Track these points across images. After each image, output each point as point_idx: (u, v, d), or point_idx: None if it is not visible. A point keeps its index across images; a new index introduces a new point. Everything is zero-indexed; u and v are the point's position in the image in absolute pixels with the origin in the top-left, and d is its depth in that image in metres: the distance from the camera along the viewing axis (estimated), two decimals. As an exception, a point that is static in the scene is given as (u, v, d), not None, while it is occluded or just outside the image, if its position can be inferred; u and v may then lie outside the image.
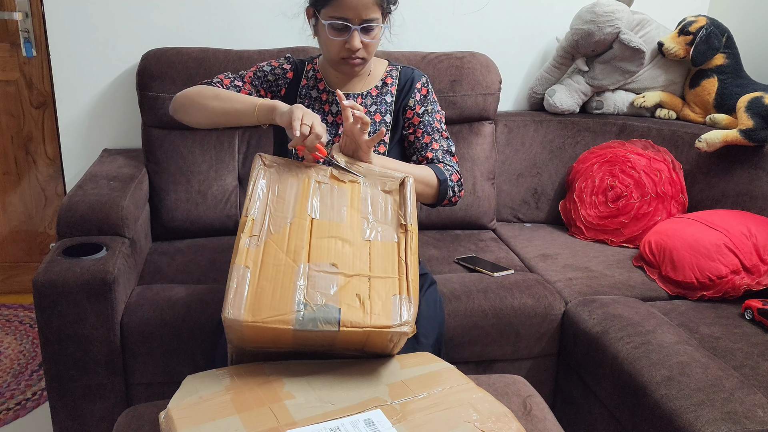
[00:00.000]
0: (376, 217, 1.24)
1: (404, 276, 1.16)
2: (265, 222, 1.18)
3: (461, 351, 1.78)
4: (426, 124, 1.61)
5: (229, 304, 1.06)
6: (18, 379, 2.16)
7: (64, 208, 1.77)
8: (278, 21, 2.32)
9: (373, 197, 1.28)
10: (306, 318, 1.07)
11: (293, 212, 1.20)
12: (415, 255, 1.20)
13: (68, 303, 1.55)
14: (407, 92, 1.61)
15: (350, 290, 1.12)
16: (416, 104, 1.61)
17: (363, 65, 1.52)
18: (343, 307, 1.09)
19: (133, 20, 2.24)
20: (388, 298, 1.13)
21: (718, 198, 2.15)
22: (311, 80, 1.62)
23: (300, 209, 1.21)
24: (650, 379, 1.45)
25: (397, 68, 1.64)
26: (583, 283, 1.90)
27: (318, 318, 1.07)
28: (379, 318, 1.09)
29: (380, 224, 1.23)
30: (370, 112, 1.60)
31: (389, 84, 1.62)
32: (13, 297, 2.69)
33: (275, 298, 1.08)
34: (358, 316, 1.09)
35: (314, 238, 1.18)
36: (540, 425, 1.23)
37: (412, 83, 1.62)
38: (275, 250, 1.14)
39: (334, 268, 1.14)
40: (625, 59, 2.37)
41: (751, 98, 2.08)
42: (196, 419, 1.00)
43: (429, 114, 1.62)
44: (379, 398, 1.07)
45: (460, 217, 2.30)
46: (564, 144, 2.42)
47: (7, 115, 2.50)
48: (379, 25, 1.47)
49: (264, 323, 1.06)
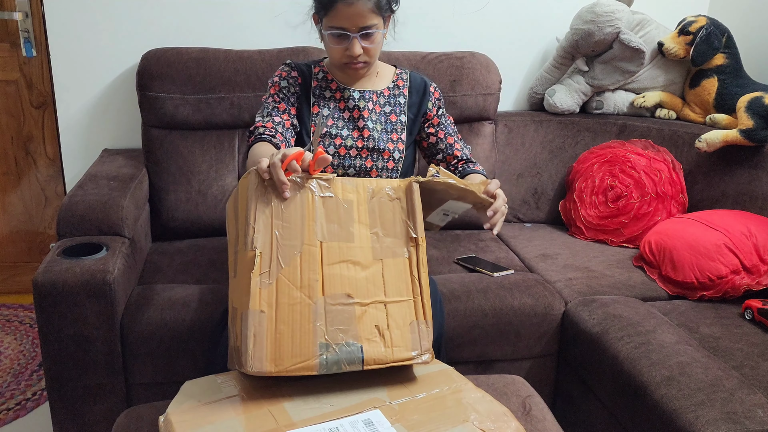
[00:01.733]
0: (385, 230, 1.20)
1: (419, 297, 1.16)
2: (274, 254, 1.11)
3: (461, 351, 1.78)
4: (445, 125, 1.71)
5: (251, 356, 1.04)
6: (18, 379, 2.16)
7: (64, 208, 1.77)
8: (278, 21, 2.32)
9: (381, 206, 1.22)
10: (330, 361, 1.07)
11: (301, 239, 1.14)
12: (425, 270, 1.19)
13: (68, 303, 1.55)
14: (422, 96, 1.68)
15: (368, 321, 1.12)
16: (433, 107, 1.69)
17: (367, 67, 1.56)
18: (364, 343, 1.09)
19: (133, 20, 2.25)
20: (406, 326, 1.13)
21: (718, 198, 2.15)
22: (322, 81, 1.64)
23: (308, 235, 1.14)
24: (650, 379, 1.45)
25: (406, 72, 1.70)
26: (583, 283, 1.90)
27: (341, 360, 1.07)
28: (400, 351, 1.11)
29: (389, 238, 1.20)
30: (385, 112, 1.65)
31: (401, 86, 1.68)
32: (13, 297, 2.69)
33: (295, 344, 1.07)
34: (380, 351, 1.10)
35: (326, 266, 1.14)
36: (539, 425, 1.23)
37: (425, 88, 1.69)
38: (288, 287, 1.10)
39: (350, 299, 1.12)
40: (625, 59, 2.37)
41: (751, 98, 2.08)
42: (195, 423, 1.00)
43: (444, 116, 1.72)
44: (378, 399, 1.07)
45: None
46: (564, 144, 2.42)
47: (7, 115, 2.50)
48: (378, 31, 1.49)
49: (288, 372, 1.05)
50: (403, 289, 1.16)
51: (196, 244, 2.08)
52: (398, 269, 1.17)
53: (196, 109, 2.13)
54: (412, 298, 1.16)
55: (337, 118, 1.62)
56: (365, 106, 1.62)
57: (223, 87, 2.14)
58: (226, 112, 2.15)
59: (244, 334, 1.06)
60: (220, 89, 2.14)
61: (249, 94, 2.15)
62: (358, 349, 1.09)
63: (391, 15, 1.56)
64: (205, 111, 2.14)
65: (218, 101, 2.14)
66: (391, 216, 1.21)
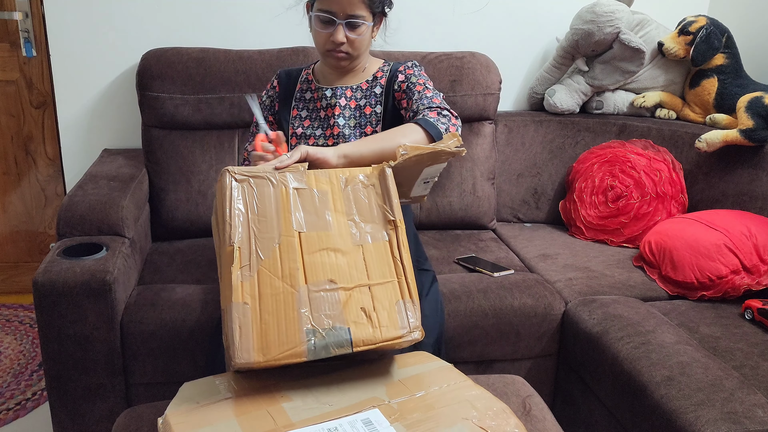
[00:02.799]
0: (362, 216, 1.21)
1: (402, 278, 1.16)
2: (252, 247, 1.13)
3: (461, 351, 1.78)
4: (411, 92, 1.59)
5: (238, 348, 1.05)
6: (18, 379, 2.16)
7: (64, 208, 1.77)
8: (278, 21, 2.32)
9: (355, 194, 1.23)
10: (318, 346, 1.07)
11: (278, 230, 1.15)
12: (407, 250, 1.19)
13: (68, 303, 1.55)
14: (393, 79, 1.63)
15: (354, 305, 1.11)
16: (401, 85, 1.62)
17: (348, 60, 1.56)
18: (351, 326, 1.09)
19: (133, 20, 2.25)
20: (392, 306, 1.13)
21: (718, 198, 2.15)
22: (304, 84, 1.68)
23: (285, 226, 1.16)
24: (650, 379, 1.44)
25: (389, 64, 1.68)
26: (583, 283, 1.90)
27: (330, 344, 1.07)
28: (388, 330, 1.11)
29: (367, 224, 1.21)
30: (360, 105, 1.64)
31: (379, 77, 1.66)
32: (13, 297, 2.69)
33: (281, 332, 1.07)
34: (368, 332, 1.09)
35: (306, 255, 1.15)
36: (539, 425, 1.22)
37: (398, 71, 1.64)
38: (270, 278, 1.11)
39: (333, 284, 1.13)
40: (625, 59, 2.37)
41: (751, 98, 2.08)
42: (194, 424, 1.00)
43: (413, 83, 1.60)
44: (377, 398, 1.07)
45: (460, 217, 2.30)
46: (564, 144, 2.42)
47: (7, 115, 2.50)
48: (364, 23, 1.50)
49: (276, 361, 1.05)
50: (386, 272, 1.17)
51: (196, 244, 2.08)
52: (379, 253, 1.18)
53: (196, 109, 2.13)
54: (396, 279, 1.16)
55: (313, 118, 1.65)
56: (336, 103, 1.62)
57: (223, 87, 2.14)
58: (226, 112, 2.15)
59: (230, 327, 1.06)
60: (220, 89, 2.14)
61: (249, 94, 2.15)
62: (346, 331, 1.08)
63: (382, 17, 1.57)
64: (205, 111, 2.14)
65: (218, 101, 2.14)
66: (367, 202, 1.23)
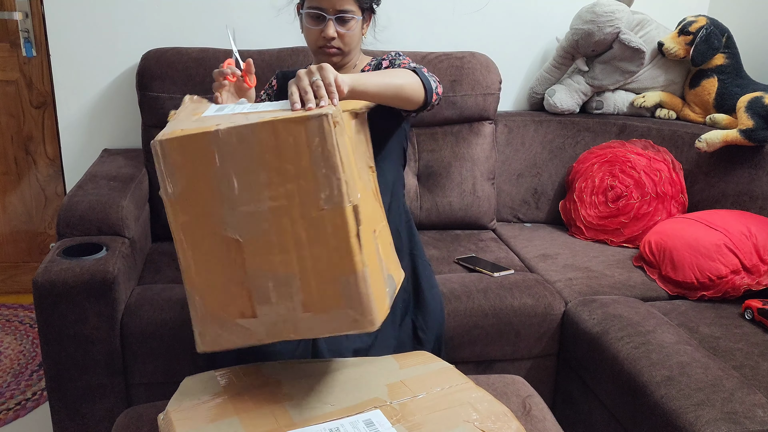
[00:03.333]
0: (359, 162, 1.18)
1: (386, 221, 1.24)
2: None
3: (461, 351, 1.78)
4: (395, 65, 1.56)
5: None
6: (18, 379, 2.16)
7: (64, 208, 1.77)
8: (278, 21, 2.31)
9: (358, 140, 1.21)
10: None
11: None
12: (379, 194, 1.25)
13: (68, 303, 1.55)
14: (378, 67, 1.60)
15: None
16: (387, 67, 1.58)
17: (340, 56, 1.55)
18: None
19: (133, 20, 2.24)
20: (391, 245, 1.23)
21: (718, 198, 2.15)
22: None
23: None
24: (650, 379, 1.44)
25: (376, 58, 1.66)
26: (583, 283, 1.90)
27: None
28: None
29: (362, 170, 1.18)
30: None
31: (366, 71, 1.63)
32: (13, 297, 2.69)
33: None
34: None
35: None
36: (539, 425, 1.23)
37: (381, 59, 1.61)
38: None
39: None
40: (625, 59, 2.37)
41: (751, 98, 2.08)
42: (196, 421, 1.00)
43: (397, 65, 1.57)
44: (378, 398, 1.07)
45: (460, 217, 2.30)
46: (564, 144, 2.42)
47: (7, 115, 2.50)
48: (354, 18, 1.50)
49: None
50: (379, 215, 1.21)
51: (196, 244, 2.08)
52: (371, 199, 1.19)
53: (196, 109, 2.13)
54: (385, 222, 1.22)
55: None
56: None
57: (223, 87, 2.13)
58: (226, 112, 2.15)
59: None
60: (220, 89, 2.13)
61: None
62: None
63: (371, 13, 1.57)
64: (205, 111, 2.14)
65: (218, 101, 2.14)
66: (361, 149, 1.21)
